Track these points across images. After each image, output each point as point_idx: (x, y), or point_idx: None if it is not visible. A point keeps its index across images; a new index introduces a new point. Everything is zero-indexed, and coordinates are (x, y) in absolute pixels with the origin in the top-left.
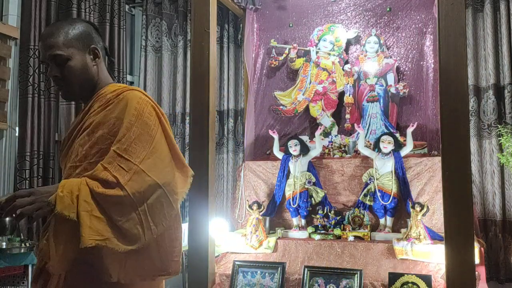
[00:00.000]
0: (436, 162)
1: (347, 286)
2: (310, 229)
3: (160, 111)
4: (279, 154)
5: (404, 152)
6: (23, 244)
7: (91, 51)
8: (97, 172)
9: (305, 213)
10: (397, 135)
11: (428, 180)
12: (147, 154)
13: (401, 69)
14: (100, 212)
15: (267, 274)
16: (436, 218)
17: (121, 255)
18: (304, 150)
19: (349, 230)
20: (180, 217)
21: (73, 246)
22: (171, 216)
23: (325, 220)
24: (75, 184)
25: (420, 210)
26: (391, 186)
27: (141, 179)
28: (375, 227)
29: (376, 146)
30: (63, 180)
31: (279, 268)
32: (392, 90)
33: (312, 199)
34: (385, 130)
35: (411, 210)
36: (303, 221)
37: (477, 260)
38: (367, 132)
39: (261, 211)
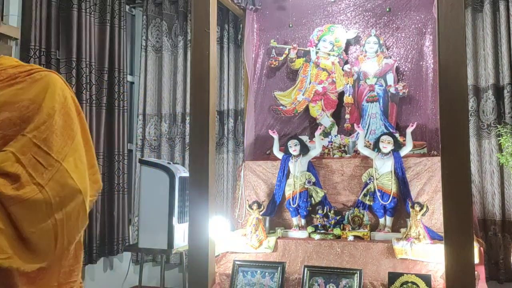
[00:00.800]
0: (435, 162)
1: (347, 285)
2: (310, 229)
3: (78, 104)
4: (279, 154)
5: (403, 152)
6: None
7: None
8: (5, 165)
9: (305, 213)
10: (397, 135)
11: (427, 180)
12: (70, 151)
13: (401, 69)
14: (4, 222)
15: (267, 273)
16: (435, 218)
17: (29, 274)
18: (304, 150)
19: (349, 230)
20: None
21: None
22: (82, 228)
23: (325, 220)
24: None
25: (420, 210)
26: (391, 186)
27: (64, 180)
28: (374, 227)
29: (375, 146)
30: None
31: (279, 268)
32: (392, 90)
33: (312, 199)
34: (385, 130)
35: (411, 210)
36: (303, 221)
37: (476, 259)
38: (367, 132)
39: (261, 211)
